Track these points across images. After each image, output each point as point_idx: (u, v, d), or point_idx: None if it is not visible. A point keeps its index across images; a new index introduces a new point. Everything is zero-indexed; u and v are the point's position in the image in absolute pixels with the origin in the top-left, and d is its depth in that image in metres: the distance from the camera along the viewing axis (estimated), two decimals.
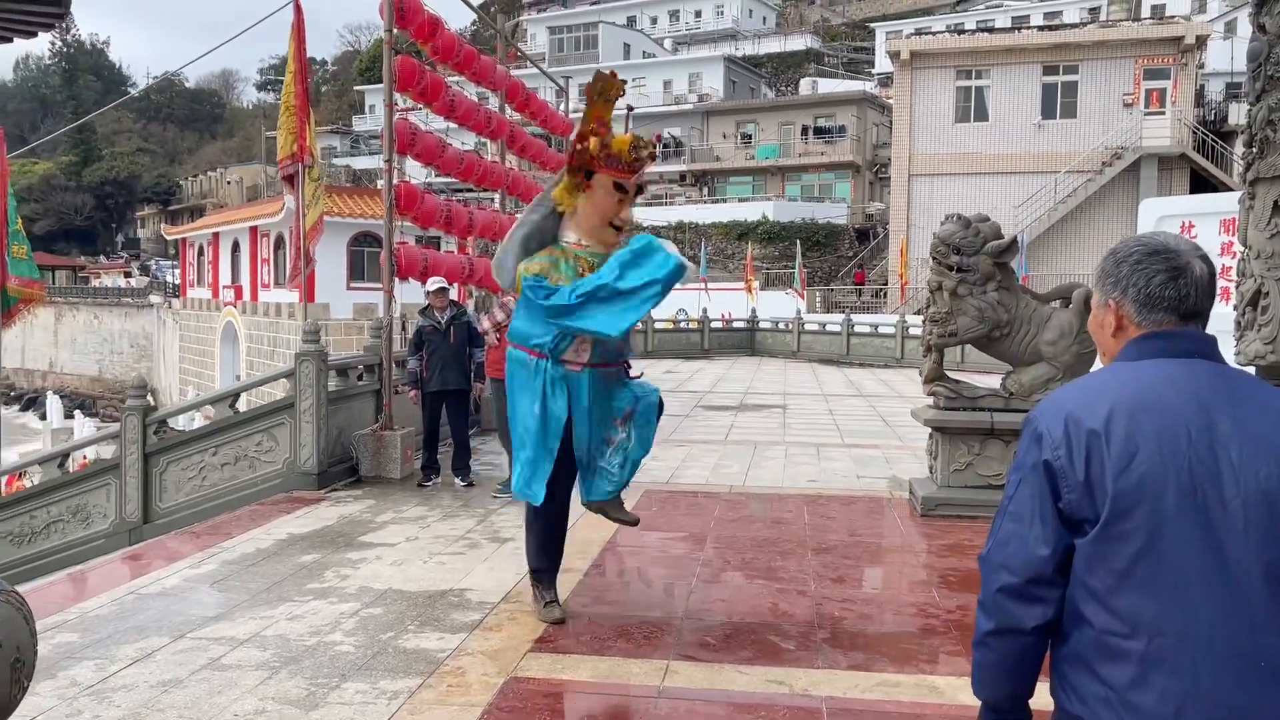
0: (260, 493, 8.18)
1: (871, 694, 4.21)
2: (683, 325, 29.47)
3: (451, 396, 8.47)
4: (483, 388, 8.48)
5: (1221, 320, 9.54)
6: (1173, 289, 1.77)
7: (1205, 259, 1.81)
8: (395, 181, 8.82)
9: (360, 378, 9.26)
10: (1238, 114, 34.66)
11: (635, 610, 5.31)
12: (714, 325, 28.36)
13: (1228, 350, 8.08)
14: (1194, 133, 31.19)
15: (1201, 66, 34.51)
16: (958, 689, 4.24)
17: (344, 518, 7.37)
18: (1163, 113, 30.72)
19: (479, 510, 7.67)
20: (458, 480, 8.58)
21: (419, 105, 9.89)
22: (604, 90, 5.18)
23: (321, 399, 8.22)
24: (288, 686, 4.21)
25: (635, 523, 5.33)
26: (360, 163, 58.81)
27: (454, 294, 12.93)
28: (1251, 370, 7.51)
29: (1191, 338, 1.77)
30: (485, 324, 8.10)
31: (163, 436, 8.53)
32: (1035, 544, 1.71)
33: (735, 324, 29.36)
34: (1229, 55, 37.37)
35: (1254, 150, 7.37)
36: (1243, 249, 7.53)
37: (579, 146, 5.04)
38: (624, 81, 5.35)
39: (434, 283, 8.58)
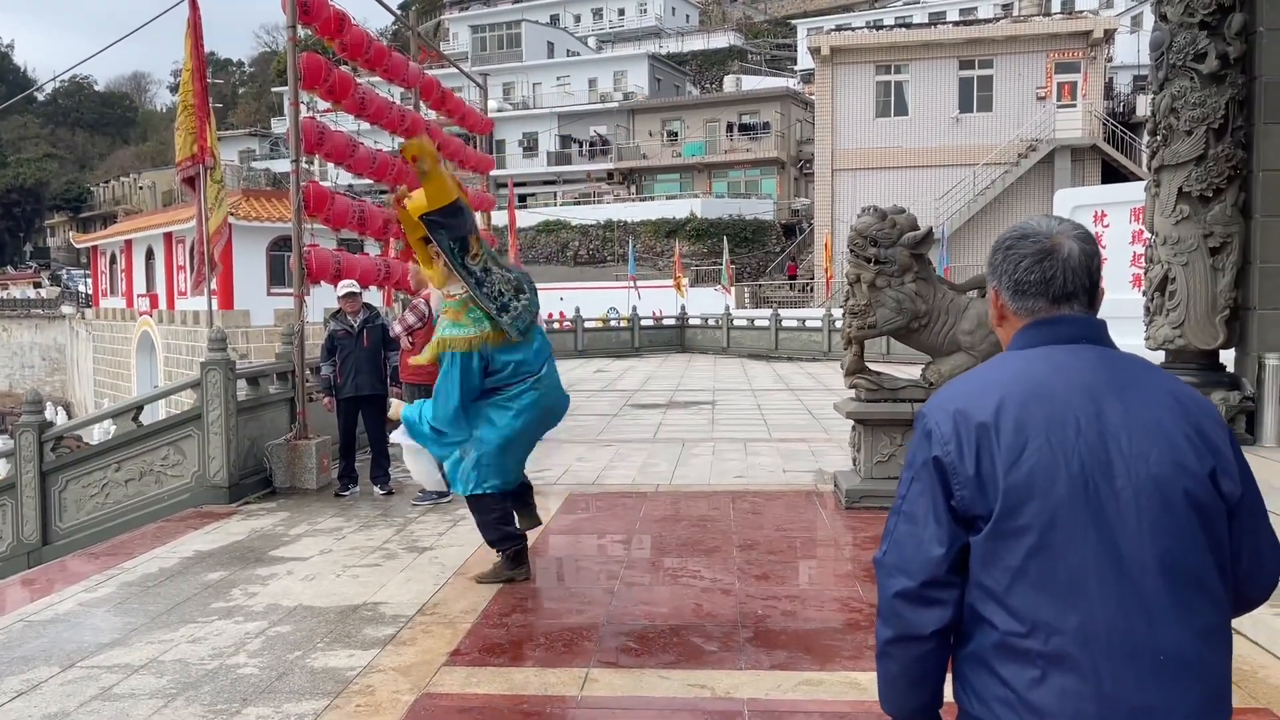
0: (168, 509, 7.84)
1: (794, 694, 4.13)
2: (613, 324, 29.38)
3: (367, 402, 8.22)
4: (399, 392, 8.26)
5: (1133, 307, 9.76)
6: (1038, 272, 1.71)
7: (1082, 238, 1.73)
8: (304, 183, 8.54)
9: (276, 386, 8.96)
10: (1145, 106, 35.72)
11: (556, 617, 5.17)
12: (644, 323, 28.30)
13: (1138, 336, 8.26)
14: (1104, 124, 32.08)
15: (1110, 60, 35.49)
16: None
17: (255, 532, 7.10)
18: (1074, 105, 31.55)
19: (398, 519, 7.45)
20: (377, 489, 8.33)
21: (336, 106, 9.62)
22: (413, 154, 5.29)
23: (230, 409, 7.91)
24: (184, 715, 3.98)
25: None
26: (280, 166, 57.33)
27: (381, 298, 12.66)
28: (1160, 355, 7.68)
29: (1077, 323, 1.70)
30: (397, 328, 7.87)
31: (60, 453, 8.13)
32: (930, 544, 1.64)
33: (665, 321, 29.33)
34: (1135, 48, 38.47)
35: (1158, 138, 7.52)
36: (1150, 235, 7.69)
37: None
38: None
39: (344, 286, 8.32)
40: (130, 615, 5.27)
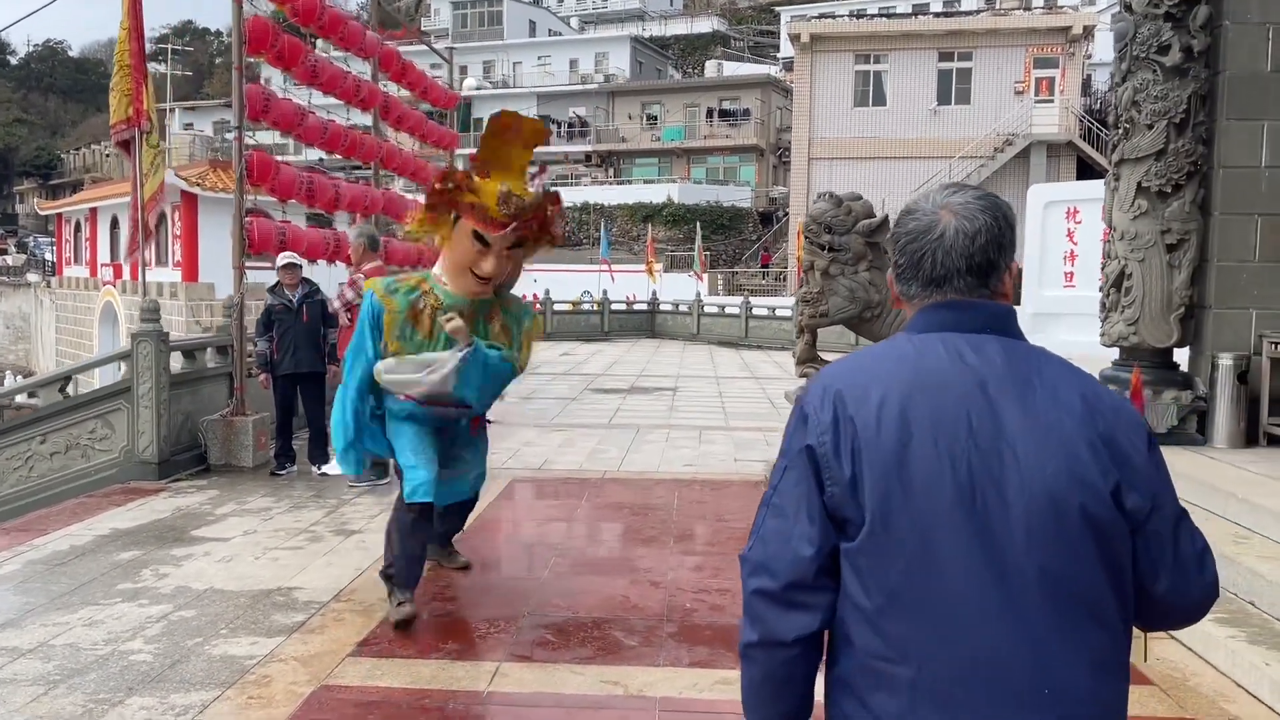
0: (95, 483, 7.57)
1: (710, 693, 3.97)
2: (585, 307, 29.12)
3: (305, 379, 7.97)
4: (338, 370, 8.01)
5: (1090, 303, 9.57)
6: (909, 254, 1.54)
7: (967, 214, 1.51)
8: (247, 151, 8.27)
9: (215, 360, 8.70)
10: None
11: (476, 607, 4.98)
12: (615, 307, 28.05)
13: (1094, 332, 8.08)
14: (1081, 121, 32.07)
15: (1089, 56, 35.46)
16: None
17: (180, 510, 6.85)
18: (1051, 101, 31.51)
19: (330, 501, 7.22)
20: (314, 469, 8.10)
21: (287, 73, 9.32)
22: (527, 137, 4.78)
23: (162, 382, 7.64)
24: (62, 704, 3.76)
25: None
26: (263, 137, 56.69)
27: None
28: (1114, 352, 7.56)
29: (979, 310, 1.50)
30: (336, 303, 7.63)
31: None
32: (798, 542, 1.45)
33: (637, 306, 29.10)
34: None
35: (1119, 131, 7.38)
36: (1109, 231, 7.55)
37: (438, 185, 4.62)
38: (548, 130, 4.91)
39: (284, 258, 8.05)
40: (30, 595, 5.04)
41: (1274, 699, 3.82)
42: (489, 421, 5.62)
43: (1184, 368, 7.36)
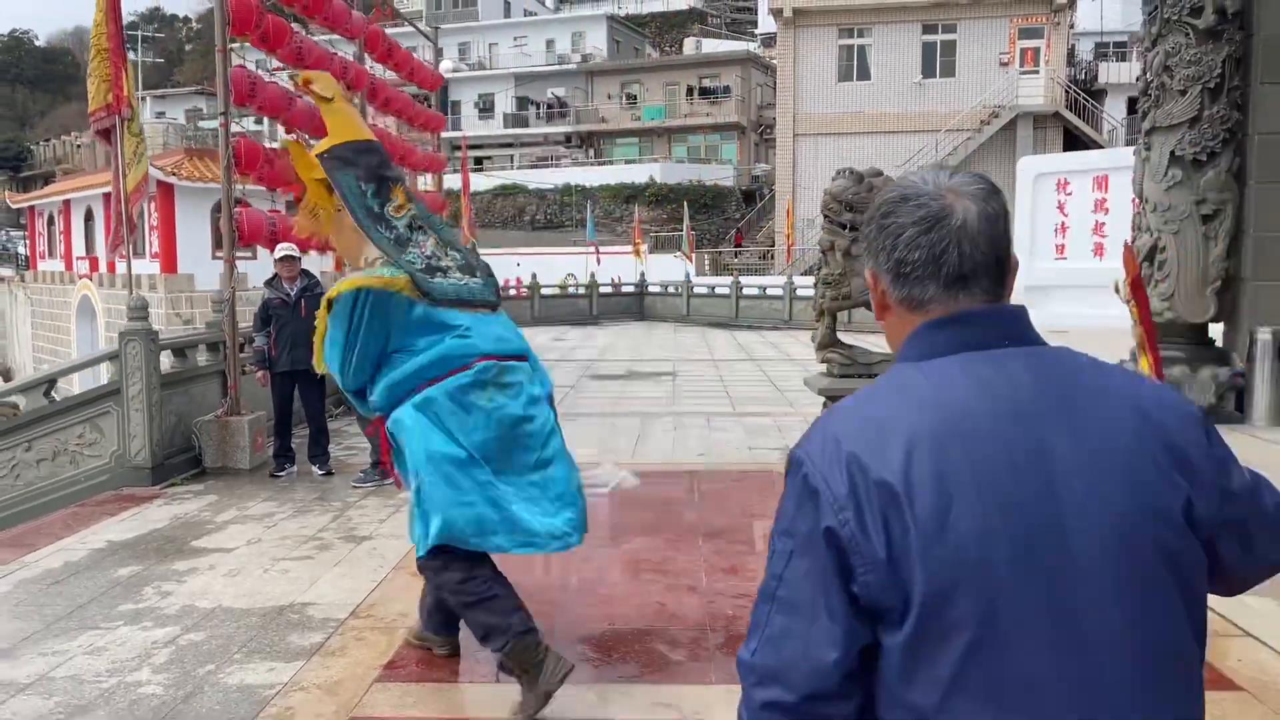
0: (85, 491, 7.20)
1: None
2: (572, 290, 28.75)
3: (304, 376, 7.60)
4: None
5: (1098, 275, 9.38)
6: (924, 246, 1.25)
7: (982, 196, 1.28)
8: (234, 138, 7.87)
9: (206, 358, 8.32)
10: (1107, 73, 35.62)
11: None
12: (603, 290, 27.71)
13: (1103, 306, 7.83)
14: (1066, 91, 31.85)
15: (1073, 26, 35.23)
16: None
17: (178, 518, 6.50)
18: (1037, 72, 31.26)
19: (335, 504, 6.89)
20: (315, 469, 7.75)
21: (271, 54, 8.91)
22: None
23: (153, 383, 7.27)
24: None
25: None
26: (243, 124, 55.81)
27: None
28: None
29: (995, 320, 1.25)
30: None
31: None
32: (819, 646, 1.17)
33: (624, 289, 28.76)
34: (1098, 15, 38.29)
35: (1150, 98, 7.09)
36: (1140, 202, 7.28)
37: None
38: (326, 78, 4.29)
39: (281, 250, 7.67)
40: (24, 620, 4.68)
41: None
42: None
43: (1219, 343, 7.13)
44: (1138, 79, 7.41)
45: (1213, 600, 4.26)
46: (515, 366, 3.91)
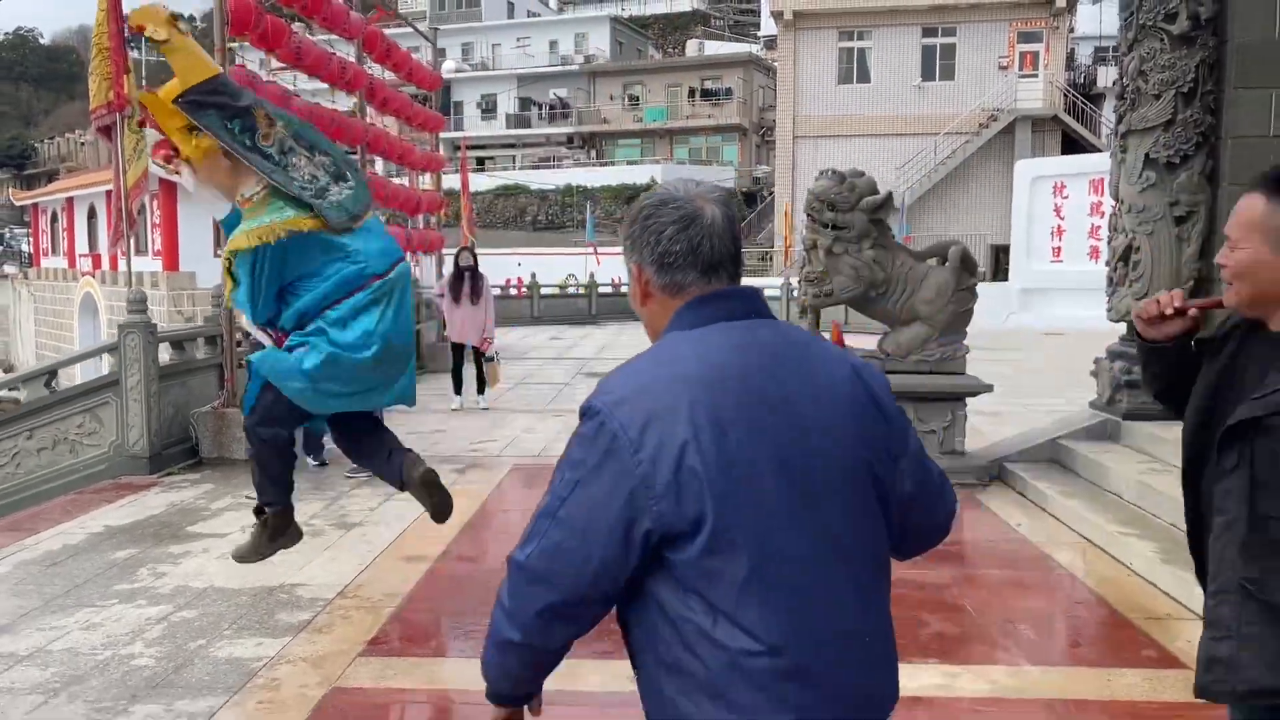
0: (84, 479, 7.38)
1: None
2: (571, 290, 28.91)
3: None
4: None
5: (1094, 279, 9.58)
6: (683, 240, 1.54)
7: (723, 202, 1.60)
8: None
9: (204, 351, 8.49)
10: (1106, 77, 35.73)
11: (489, 601, 4.83)
12: (602, 290, 27.87)
13: (1099, 308, 8.01)
14: (1065, 95, 31.98)
15: (1072, 30, 35.37)
16: None
17: (174, 505, 6.67)
18: (1036, 75, 31.40)
19: (329, 493, 7.06)
20: (310, 460, 7.91)
21: (271, 54, 9.09)
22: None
23: (151, 374, 7.44)
24: (64, 713, 3.61)
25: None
26: None
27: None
28: (1122, 327, 7.46)
29: (745, 297, 1.57)
30: None
31: None
32: (594, 562, 1.44)
33: (623, 289, 28.89)
34: (1098, 19, 38.41)
35: (1125, 101, 7.25)
36: (1114, 203, 7.44)
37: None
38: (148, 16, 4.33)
39: None
40: (23, 598, 4.86)
41: None
42: None
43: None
44: (1113, 84, 7.57)
45: (1166, 584, 4.49)
46: (396, 277, 4.43)
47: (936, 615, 4.64)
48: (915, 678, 3.95)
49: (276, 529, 4.66)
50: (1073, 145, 30.59)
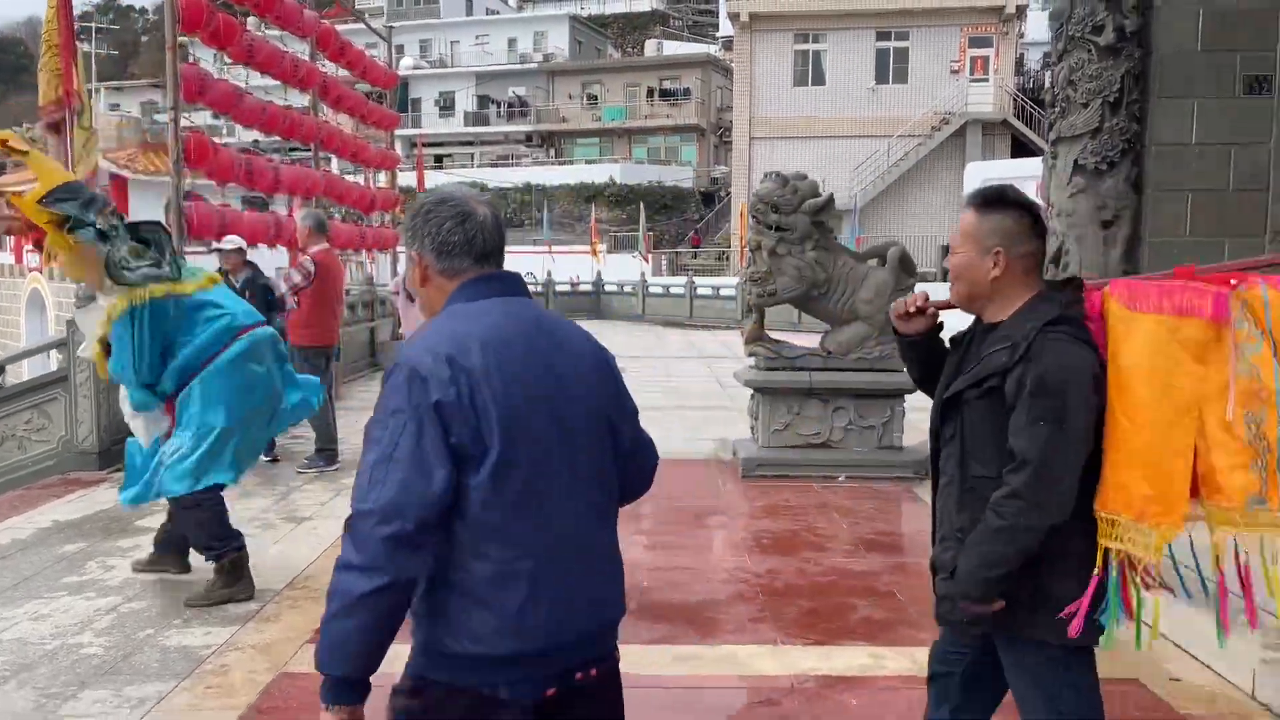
0: (32, 475, 7.37)
1: (670, 669, 4.03)
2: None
3: None
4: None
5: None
6: (461, 233, 1.89)
7: (489, 204, 1.96)
8: (184, 132, 8.07)
9: None
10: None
11: None
12: (560, 289, 27.97)
13: None
14: (1014, 100, 32.61)
15: (1021, 36, 36.07)
16: (756, 656, 4.12)
17: None
18: (986, 80, 31.99)
19: (280, 488, 7.13)
20: (261, 455, 7.96)
21: (223, 52, 9.10)
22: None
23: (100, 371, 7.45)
24: (14, 699, 3.69)
25: None
26: (193, 118, 55.16)
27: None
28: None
29: (511, 279, 1.94)
30: (283, 287, 7.51)
31: None
32: (431, 484, 1.71)
33: (581, 287, 29.02)
34: (1046, 25, 39.12)
35: (1056, 110, 7.54)
36: (1046, 207, 7.73)
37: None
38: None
39: (229, 242, 7.88)
40: None
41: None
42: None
43: None
44: (1044, 91, 7.85)
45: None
46: (263, 334, 4.78)
47: (866, 601, 4.85)
48: (843, 658, 4.16)
49: (237, 564, 4.81)
50: (1021, 149, 31.20)
